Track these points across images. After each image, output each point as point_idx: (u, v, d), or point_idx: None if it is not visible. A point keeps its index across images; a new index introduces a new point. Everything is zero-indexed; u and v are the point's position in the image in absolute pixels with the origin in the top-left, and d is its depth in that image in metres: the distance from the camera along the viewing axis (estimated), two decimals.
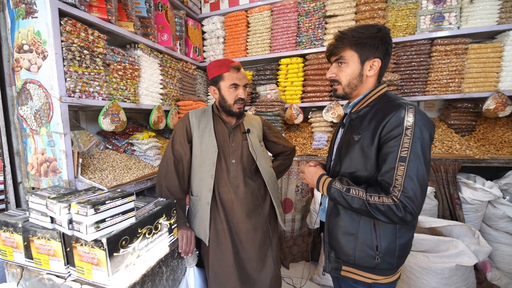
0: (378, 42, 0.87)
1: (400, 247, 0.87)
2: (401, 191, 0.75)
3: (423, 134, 0.78)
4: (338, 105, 2.32)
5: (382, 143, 0.82)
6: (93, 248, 0.84)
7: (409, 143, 0.76)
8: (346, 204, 0.84)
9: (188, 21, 2.51)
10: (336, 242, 0.94)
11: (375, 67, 0.90)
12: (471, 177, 2.03)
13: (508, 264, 1.86)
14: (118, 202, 0.91)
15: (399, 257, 0.88)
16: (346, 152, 0.92)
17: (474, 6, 1.99)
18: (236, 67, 1.22)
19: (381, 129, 0.82)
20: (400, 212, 0.74)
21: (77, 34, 1.37)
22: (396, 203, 0.75)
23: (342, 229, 0.92)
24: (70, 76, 1.34)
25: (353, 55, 0.90)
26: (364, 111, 0.92)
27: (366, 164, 0.86)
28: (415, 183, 0.75)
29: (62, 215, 0.86)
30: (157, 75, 2.05)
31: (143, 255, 0.98)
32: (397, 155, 0.77)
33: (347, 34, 0.89)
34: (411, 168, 0.75)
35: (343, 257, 0.93)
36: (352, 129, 0.93)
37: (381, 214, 0.77)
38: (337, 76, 0.95)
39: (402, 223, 0.77)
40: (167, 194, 1.23)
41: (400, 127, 0.78)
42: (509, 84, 1.98)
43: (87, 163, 1.55)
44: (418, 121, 0.78)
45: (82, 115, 1.82)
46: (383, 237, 0.86)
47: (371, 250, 0.87)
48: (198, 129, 1.26)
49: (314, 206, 2.02)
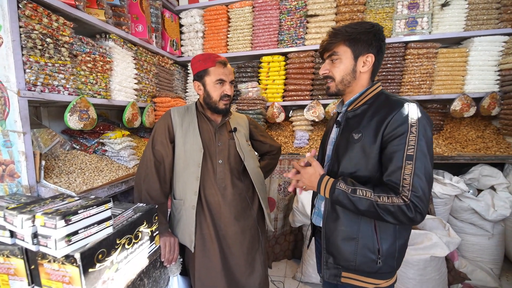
0: (371, 37, 0.86)
1: (399, 248, 0.86)
2: (410, 190, 0.73)
3: (427, 131, 0.77)
4: (318, 104, 2.35)
5: (385, 142, 0.79)
6: (63, 265, 0.74)
7: (415, 141, 0.75)
8: (351, 206, 0.79)
9: (164, 13, 2.37)
10: (335, 248, 0.89)
11: (368, 63, 0.88)
12: (440, 172, 2.18)
13: (472, 252, 2.03)
14: (92, 210, 0.80)
15: (399, 258, 0.87)
16: (344, 151, 0.88)
17: (444, 13, 2.12)
18: (223, 62, 1.16)
19: (384, 127, 0.79)
20: (410, 213, 0.72)
21: (38, 20, 1.21)
22: (406, 203, 0.72)
23: (342, 234, 0.87)
24: (30, 67, 1.17)
25: (346, 51, 0.88)
26: (362, 109, 0.89)
27: (368, 163, 0.83)
28: (423, 182, 0.73)
29: (24, 229, 0.74)
30: (131, 69, 1.90)
31: (122, 268, 0.88)
32: (403, 153, 0.75)
33: (340, 30, 0.87)
34: (419, 166, 0.74)
35: (343, 263, 0.89)
36: (350, 127, 0.90)
37: (390, 215, 0.74)
38: (330, 72, 0.92)
39: (411, 223, 0.75)
40: (147, 198, 1.13)
41: (404, 125, 0.76)
42: (473, 87, 2.14)
43: (51, 166, 1.38)
44: (421, 118, 0.77)
45: (44, 111, 1.62)
46: (384, 240, 0.84)
47: (372, 254, 0.84)
48: (181, 128, 1.17)
49: (297, 205, 2.02)
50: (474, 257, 2.01)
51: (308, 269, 2.00)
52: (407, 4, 2.19)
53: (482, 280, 1.89)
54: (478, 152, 2.05)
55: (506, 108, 2.04)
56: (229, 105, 1.20)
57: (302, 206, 1.96)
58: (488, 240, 1.99)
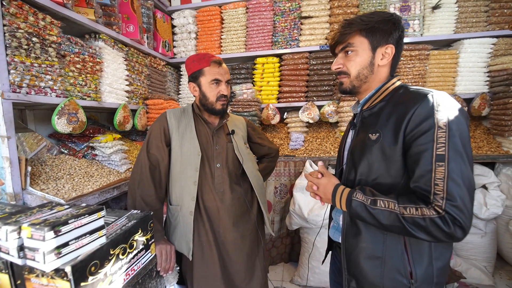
0: (391, 26, 0.75)
1: (438, 272, 0.71)
2: (445, 198, 0.60)
3: (461, 126, 0.63)
4: (313, 105, 2.34)
5: (409, 141, 0.67)
6: (53, 279, 0.68)
7: (445, 138, 0.62)
8: (372, 220, 0.67)
9: (156, 13, 2.31)
10: (357, 268, 0.77)
11: (388, 55, 0.77)
12: None
13: (466, 251, 2.05)
14: (84, 220, 0.75)
15: (438, 284, 0.72)
16: (361, 155, 0.76)
17: (435, 16, 2.16)
18: (218, 61, 1.13)
19: (406, 123, 0.67)
20: (447, 227, 0.59)
21: (24, 18, 1.14)
22: (440, 215, 0.60)
23: (365, 252, 0.75)
24: (15, 68, 1.10)
25: (363, 42, 0.77)
26: (379, 106, 0.78)
27: (390, 168, 0.71)
28: (461, 188, 0.60)
29: (9, 241, 0.68)
30: (122, 70, 1.84)
31: (116, 280, 0.83)
32: (432, 153, 0.62)
33: (355, 20, 0.77)
34: (453, 168, 0.60)
35: (368, 287, 0.76)
36: (366, 128, 0.78)
37: (421, 230, 0.61)
38: (345, 67, 0.81)
39: (450, 240, 0.61)
40: (141, 205, 1.08)
41: (430, 119, 0.64)
42: (464, 88, 2.19)
43: (37, 172, 1.31)
44: (452, 110, 0.64)
45: (30, 114, 1.55)
46: (418, 260, 0.70)
47: (404, 278, 0.70)
48: (178, 131, 1.13)
49: (293, 207, 2.00)
50: (468, 255, 2.04)
51: (306, 273, 1.98)
52: (399, 7, 2.22)
53: (477, 278, 1.92)
54: None
55: (496, 109, 2.09)
56: (226, 105, 1.17)
57: (299, 208, 1.94)
58: (481, 238, 2.02)
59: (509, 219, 2.02)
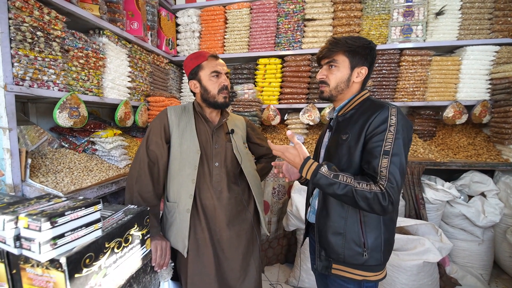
0: (368, 52, 0.95)
1: (385, 242, 0.93)
2: (387, 180, 0.80)
3: (404, 132, 0.86)
4: (314, 108, 2.35)
5: (367, 140, 0.87)
6: (48, 270, 0.69)
7: (392, 139, 0.84)
8: (330, 190, 0.84)
9: (161, 11, 2.33)
10: (326, 241, 0.97)
11: (361, 75, 0.97)
12: (432, 178, 2.20)
13: (463, 258, 2.05)
14: (80, 212, 0.76)
15: (385, 252, 0.94)
16: (334, 152, 0.96)
17: (438, 22, 2.16)
18: (214, 55, 1.17)
19: (367, 127, 0.88)
20: (384, 201, 0.79)
21: (29, 12, 1.16)
22: (382, 192, 0.80)
23: (331, 229, 0.95)
24: (18, 61, 1.12)
25: (344, 60, 0.96)
26: (350, 113, 0.98)
27: (352, 161, 0.90)
28: (397, 175, 0.81)
29: (6, 230, 0.69)
30: (125, 67, 1.85)
31: (110, 273, 0.84)
32: (381, 149, 0.84)
33: (341, 40, 0.95)
34: (394, 161, 0.82)
35: (333, 255, 0.96)
36: (340, 130, 0.98)
37: (365, 202, 0.80)
38: (327, 78, 1.00)
39: (381, 212, 0.81)
40: (139, 200, 1.09)
41: (384, 124, 0.85)
42: (465, 95, 2.18)
43: (37, 164, 1.32)
44: (400, 120, 0.86)
45: (33, 107, 1.56)
46: (369, 234, 0.91)
47: (358, 247, 0.92)
48: (178, 128, 1.14)
49: (291, 209, 2.00)
50: (465, 262, 2.03)
51: (302, 274, 1.98)
52: (402, 12, 2.22)
53: (473, 285, 1.91)
54: (470, 159, 2.09)
55: (497, 117, 2.09)
56: (228, 98, 1.18)
57: (296, 209, 1.94)
58: (478, 246, 2.01)
59: (507, 228, 2.01)
